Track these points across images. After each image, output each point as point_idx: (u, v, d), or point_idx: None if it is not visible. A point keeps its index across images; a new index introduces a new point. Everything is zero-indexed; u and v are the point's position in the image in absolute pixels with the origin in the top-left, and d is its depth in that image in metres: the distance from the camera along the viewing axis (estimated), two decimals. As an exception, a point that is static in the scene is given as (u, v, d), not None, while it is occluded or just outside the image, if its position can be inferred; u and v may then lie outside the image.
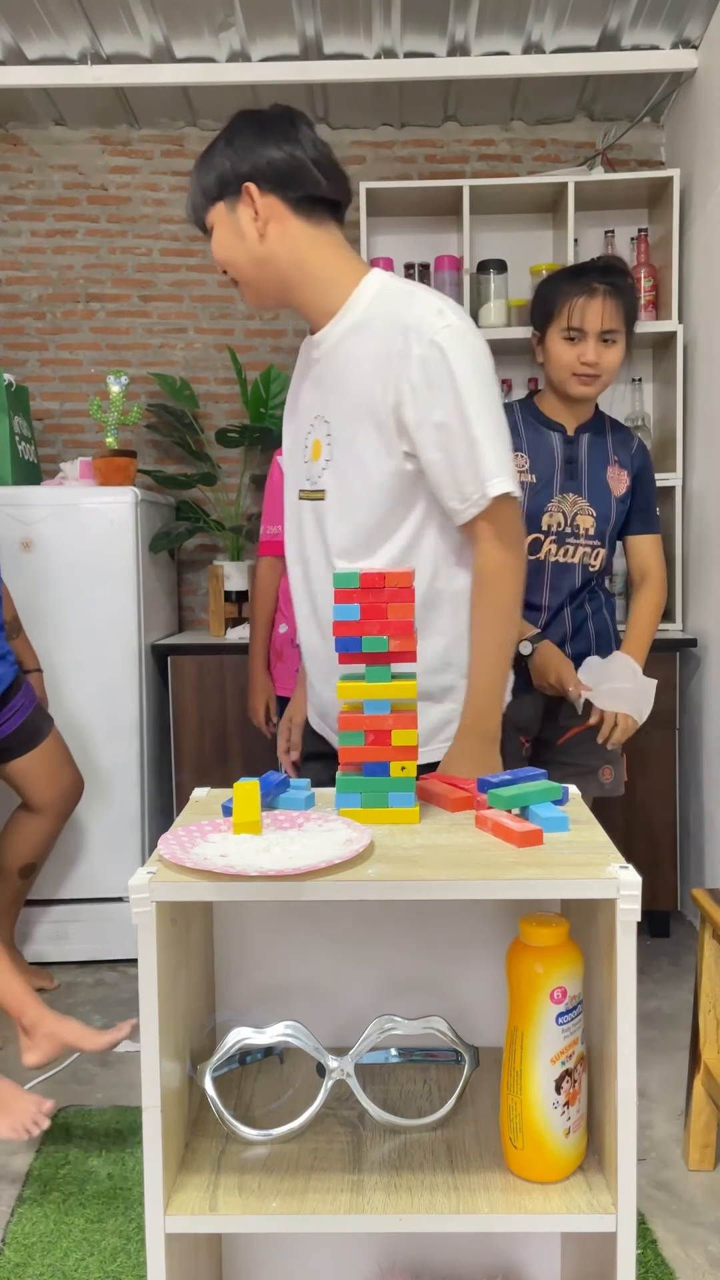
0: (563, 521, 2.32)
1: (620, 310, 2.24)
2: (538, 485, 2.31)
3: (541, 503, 2.31)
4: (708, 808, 3.20)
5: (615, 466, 2.36)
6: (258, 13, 3.11)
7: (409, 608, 1.20)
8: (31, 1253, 1.91)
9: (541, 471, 2.32)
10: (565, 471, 2.33)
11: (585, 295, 2.22)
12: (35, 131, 3.79)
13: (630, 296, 2.27)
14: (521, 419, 2.36)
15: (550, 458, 2.33)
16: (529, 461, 2.32)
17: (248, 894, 1.02)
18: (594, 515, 2.33)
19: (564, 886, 1.02)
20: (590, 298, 2.22)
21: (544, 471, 2.32)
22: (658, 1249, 1.90)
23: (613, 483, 2.34)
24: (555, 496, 2.31)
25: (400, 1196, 1.07)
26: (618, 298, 2.23)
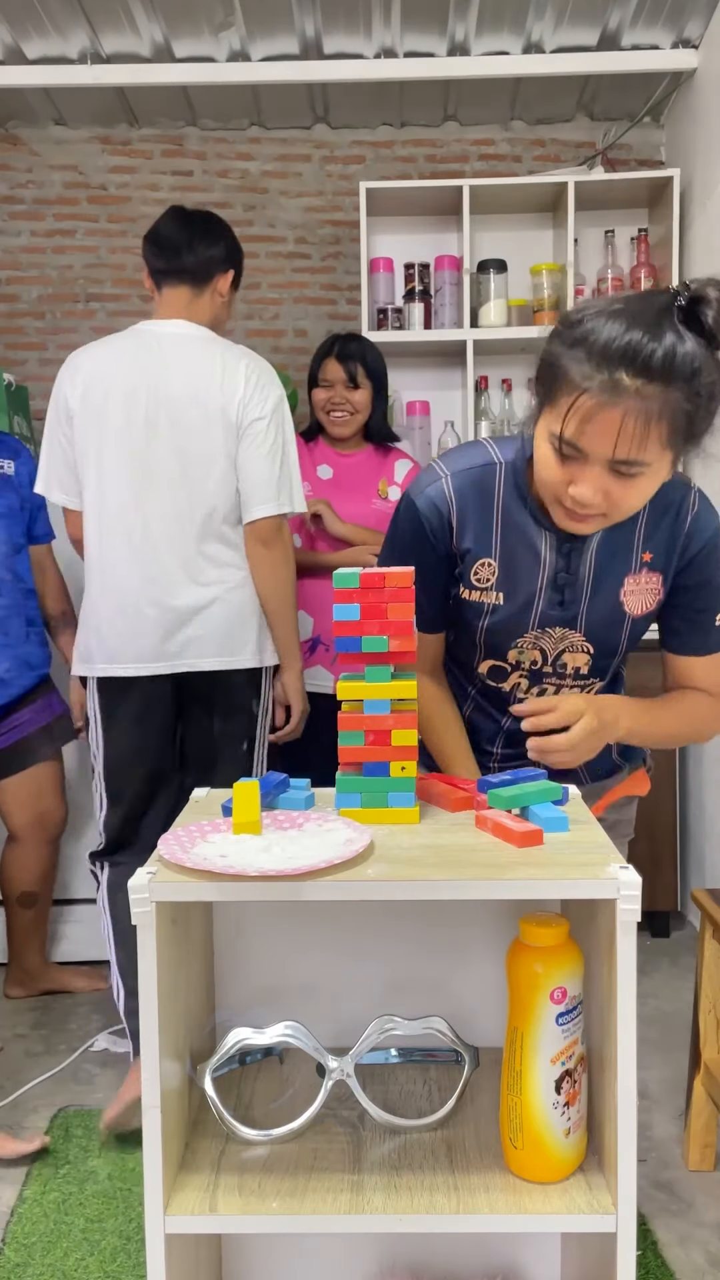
0: (540, 660, 1.51)
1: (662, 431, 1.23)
2: (504, 610, 1.47)
3: (510, 635, 1.49)
4: (708, 808, 3.20)
5: (643, 573, 1.46)
6: (258, 12, 3.11)
7: (409, 608, 1.20)
8: (31, 1252, 1.91)
9: (513, 591, 1.46)
10: (549, 597, 1.46)
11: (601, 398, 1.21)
12: (35, 131, 3.79)
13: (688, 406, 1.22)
14: (502, 499, 1.44)
15: (530, 572, 1.45)
16: (496, 573, 1.46)
17: (248, 894, 1.02)
18: (591, 653, 1.51)
19: (564, 886, 1.02)
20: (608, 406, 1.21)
21: (518, 592, 1.46)
22: (658, 1249, 1.90)
23: (632, 599, 1.47)
24: (530, 632, 1.48)
25: (400, 1196, 1.07)
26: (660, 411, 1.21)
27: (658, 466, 1.27)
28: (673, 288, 1.23)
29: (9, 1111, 2.39)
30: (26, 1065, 2.57)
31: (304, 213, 3.82)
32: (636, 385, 1.19)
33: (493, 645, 1.50)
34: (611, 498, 1.28)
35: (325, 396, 2.87)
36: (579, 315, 1.25)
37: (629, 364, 1.18)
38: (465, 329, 3.45)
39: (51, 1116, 2.35)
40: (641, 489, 1.28)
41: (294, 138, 3.82)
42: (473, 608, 1.48)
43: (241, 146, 3.83)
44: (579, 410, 1.22)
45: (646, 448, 1.22)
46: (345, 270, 3.83)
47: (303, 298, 3.84)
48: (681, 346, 1.18)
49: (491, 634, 1.49)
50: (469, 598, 1.47)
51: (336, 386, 2.85)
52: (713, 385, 1.21)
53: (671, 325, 1.19)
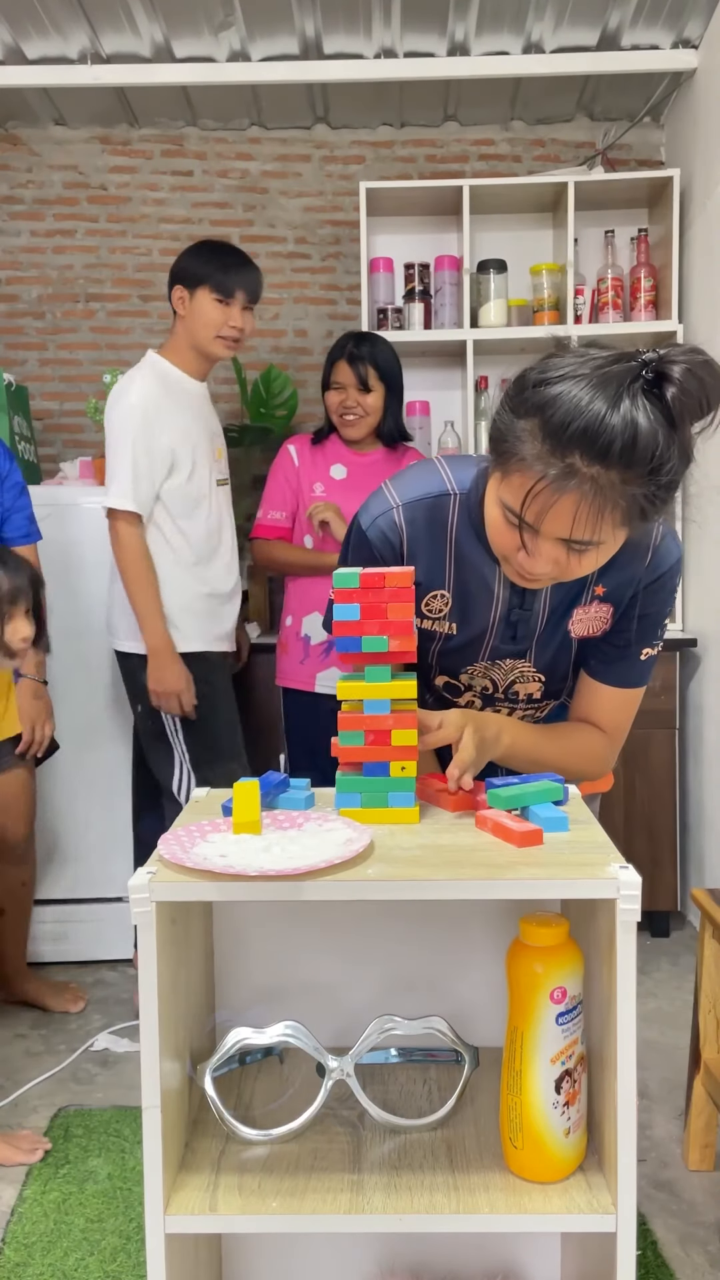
0: (491, 687, 1.49)
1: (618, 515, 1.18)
2: (457, 640, 1.45)
3: (461, 663, 1.48)
4: (708, 808, 3.20)
5: (594, 605, 1.41)
6: (258, 12, 3.11)
7: (409, 608, 1.20)
8: (31, 1252, 1.91)
9: (466, 623, 1.44)
10: (502, 632, 1.43)
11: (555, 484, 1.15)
12: (35, 131, 3.79)
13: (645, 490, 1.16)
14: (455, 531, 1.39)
15: (484, 606, 1.42)
16: (450, 604, 1.43)
17: (248, 894, 1.02)
18: (542, 681, 1.48)
19: (564, 886, 1.02)
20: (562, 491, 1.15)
21: (471, 624, 1.44)
22: (658, 1249, 1.90)
23: (579, 625, 1.42)
24: (480, 662, 1.46)
25: (400, 1196, 1.07)
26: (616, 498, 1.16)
27: (612, 543, 1.22)
28: (641, 354, 1.13)
29: (9, 1111, 2.39)
30: (26, 1065, 2.57)
31: (304, 213, 3.82)
32: (593, 472, 1.12)
33: (445, 667, 1.48)
34: (562, 566, 1.23)
35: (338, 400, 2.89)
36: (538, 377, 1.16)
37: (586, 448, 1.11)
38: (465, 329, 3.45)
39: (51, 1116, 2.35)
40: (593, 560, 1.23)
41: (294, 138, 3.82)
42: (424, 635, 1.45)
43: (241, 146, 3.83)
44: (531, 489, 1.16)
45: (600, 530, 1.17)
46: (345, 270, 3.83)
47: (303, 298, 3.84)
48: (642, 427, 1.10)
49: (444, 657, 1.47)
50: (421, 626, 1.44)
51: (348, 390, 2.86)
52: (672, 469, 1.14)
53: (633, 401, 1.11)
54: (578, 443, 1.11)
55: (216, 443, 2.82)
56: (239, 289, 2.68)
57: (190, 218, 3.82)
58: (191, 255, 2.73)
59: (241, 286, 2.68)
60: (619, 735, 1.48)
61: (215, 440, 2.81)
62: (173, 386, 2.73)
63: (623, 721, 1.47)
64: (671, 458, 1.13)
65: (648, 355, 1.13)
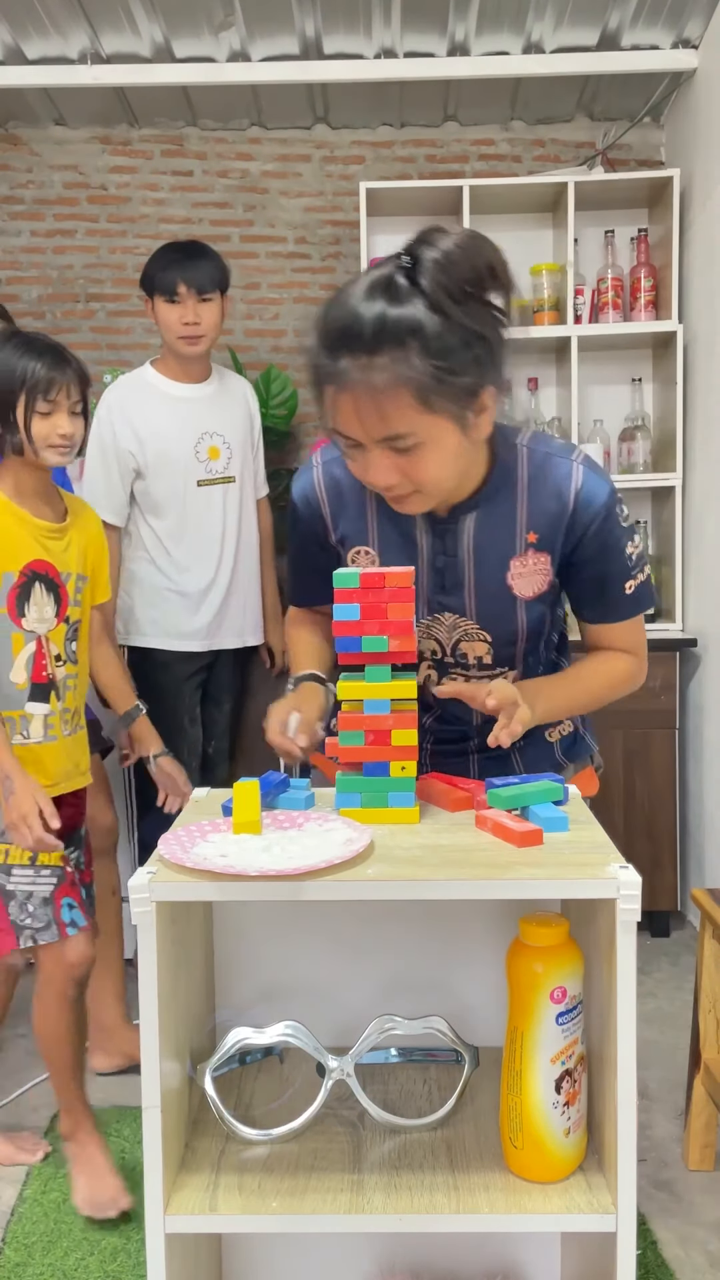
0: (439, 650, 1.47)
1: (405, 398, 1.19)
2: None
3: None
4: (708, 808, 3.20)
5: (530, 554, 1.41)
6: (258, 12, 3.11)
7: (409, 608, 1.20)
8: (31, 1252, 1.91)
9: None
10: (434, 577, 1.43)
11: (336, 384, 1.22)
12: (35, 131, 3.79)
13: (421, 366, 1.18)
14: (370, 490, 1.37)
15: (409, 557, 1.43)
16: (376, 560, 1.46)
17: (248, 894, 1.02)
18: (489, 640, 1.46)
19: (564, 886, 1.02)
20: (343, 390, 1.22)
21: None
22: (658, 1249, 1.90)
23: (520, 581, 1.42)
24: (423, 620, 1.45)
25: (400, 1196, 1.07)
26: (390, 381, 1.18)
27: (431, 433, 1.21)
28: (400, 254, 1.20)
29: (9, 1111, 2.39)
30: (26, 1065, 2.57)
31: (304, 213, 3.82)
32: (358, 363, 1.17)
33: None
34: (408, 474, 1.24)
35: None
36: (322, 307, 1.24)
37: (347, 344, 1.17)
38: (465, 329, 3.45)
39: (51, 1116, 2.35)
40: (431, 458, 1.23)
41: (294, 138, 3.82)
42: None
43: (241, 146, 3.83)
44: (330, 403, 1.22)
45: (394, 419, 1.18)
46: (345, 270, 3.83)
47: (303, 298, 3.84)
48: (394, 311, 1.15)
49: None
50: None
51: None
52: (442, 339, 1.16)
53: (387, 294, 1.16)
54: (337, 341, 1.18)
55: (207, 443, 2.80)
56: (181, 283, 2.68)
57: (190, 218, 3.82)
58: (147, 264, 2.76)
59: (184, 281, 2.68)
60: (640, 651, 1.53)
61: (206, 440, 2.80)
62: (147, 392, 2.79)
63: (638, 641, 1.52)
64: (439, 334, 1.16)
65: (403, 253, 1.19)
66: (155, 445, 2.76)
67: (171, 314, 2.71)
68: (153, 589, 2.83)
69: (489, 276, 1.20)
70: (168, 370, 2.82)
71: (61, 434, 1.94)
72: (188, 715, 2.86)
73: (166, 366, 2.82)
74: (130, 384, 2.82)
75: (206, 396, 2.82)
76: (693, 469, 3.37)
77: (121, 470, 2.75)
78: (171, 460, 2.76)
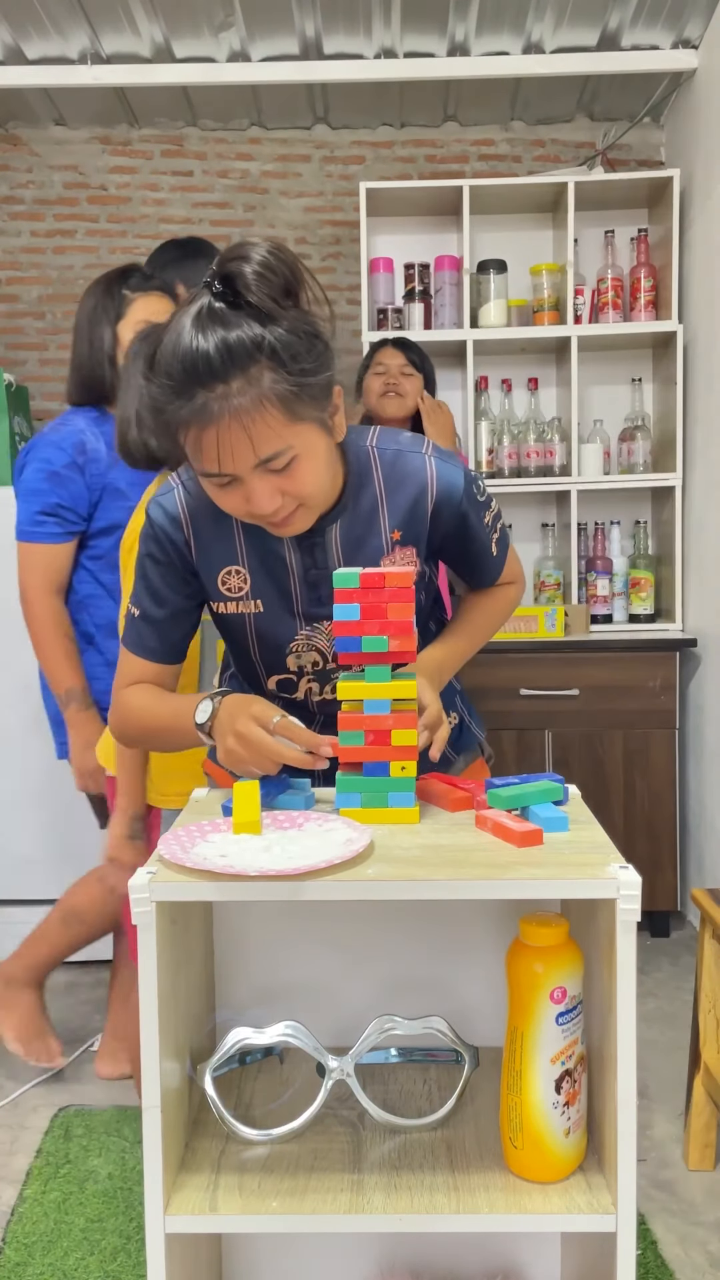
0: (320, 660, 1.44)
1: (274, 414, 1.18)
2: (266, 617, 1.41)
3: (280, 640, 1.42)
4: (708, 808, 3.20)
5: (396, 551, 1.41)
6: (258, 13, 3.11)
7: (409, 608, 1.20)
8: (32, 1252, 1.91)
9: (269, 596, 1.40)
10: (308, 591, 1.40)
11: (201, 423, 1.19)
12: (35, 131, 3.79)
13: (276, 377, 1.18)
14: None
15: (280, 575, 1.39)
16: (249, 580, 1.40)
17: (248, 894, 1.02)
18: None
19: (564, 886, 1.02)
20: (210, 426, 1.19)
21: (274, 594, 1.40)
22: (658, 1249, 1.90)
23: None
24: (301, 630, 1.42)
25: (400, 1196, 1.07)
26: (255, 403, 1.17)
27: (303, 444, 1.21)
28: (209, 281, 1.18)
29: (9, 1111, 2.39)
30: (26, 1065, 2.57)
31: (304, 213, 3.82)
32: (217, 393, 1.15)
33: (268, 660, 1.44)
34: (287, 491, 1.23)
35: (380, 382, 2.99)
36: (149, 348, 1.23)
37: (196, 379, 1.14)
38: (465, 329, 3.46)
39: (51, 1116, 2.35)
40: (308, 469, 1.23)
41: (294, 138, 3.82)
42: (234, 621, 1.42)
43: (241, 146, 3.83)
44: (194, 444, 1.19)
45: (268, 438, 1.18)
46: (345, 270, 3.83)
47: (303, 298, 3.84)
48: (234, 334, 1.14)
49: (263, 645, 1.43)
50: (226, 611, 1.41)
51: (392, 370, 2.98)
52: (289, 344, 1.16)
53: (217, 320, 1.15)
54: (186, 381, 1.15)
55: None
56: (179, 283, 2.67)
57: (190, 218, 3.82)
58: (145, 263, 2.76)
59: (179, 278, 2.67)
60: (519, 577, 1.59)
61: None
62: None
63: (514, 571, 1.57)
64: (283, 343, 1.16)
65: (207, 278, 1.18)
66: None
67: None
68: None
69: (300, 278, 1.20)
70: None
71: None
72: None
73: None
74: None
75: None
76: (693, 469, 3.37)
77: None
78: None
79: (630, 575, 3.54)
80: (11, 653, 3.12)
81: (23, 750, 3.13)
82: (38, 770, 3.13)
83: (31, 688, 3.12)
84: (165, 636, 1.42)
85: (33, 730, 3.12)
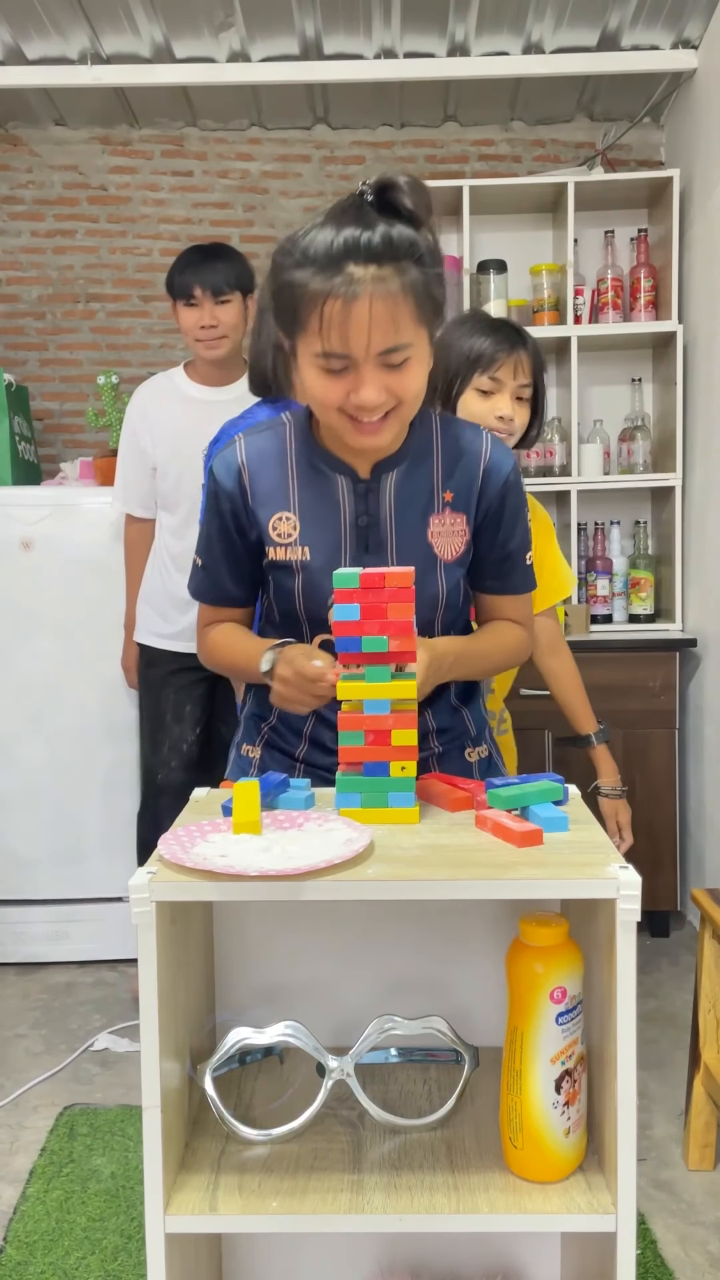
0: None
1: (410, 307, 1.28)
2: (314, 564, 1.44)
3: (327, 592, 1.37)
4: (708, 808, 3.20)
5: (447, 513, 1.45)
6: (258, 13, 3.11)
7: (409, 608, 1.20)
8: (33, 1251, 1.91)
9: (317, 542, 1.44)
10: (357, 538, 1.44)
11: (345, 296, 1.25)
12: (35, 131, 3.79)
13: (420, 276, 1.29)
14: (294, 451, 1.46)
15: (331, 520, 1.44)
16: (298, 526, 1.44)
17: (248, 894, 1.02)
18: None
19: (564, 886, 1.02)
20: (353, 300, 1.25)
21: (323, 542, 1.44)
22: (657, 1249, 1.90)
23: (440, 540, 1.45)
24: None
25: (400, 1196, 1.07)
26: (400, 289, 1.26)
27: (418, 346, 1.29)
28: (359, 188, 1.28)
29: (9, 1111, 2.39)
30: (26, 1065, 2.58)
31: (304, 213, 3.82)
32: (370, 272, 1.23)
33: (312, 612, 1.45)
34: (393, 390, 1.29)
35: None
36: (289, 244, 1.29)
37: (354, 256, 1.23)
38: (465, 329, 3.45)
39: (56, 1116, 2.35)
40: (414, 373, 1.30)
41: (294, 138, 3.82)
42: (283, 569, 1.45)
43: (241, 147, 3.83)
44: (330, 318, 1.24)
45: (401, 328, 1.25)
46: (345, 270, 3.83)
47: (303, 298, 3.84)
48: (395, 228, 1.24)
49: (308, 597, 1.45)
50: (276, 557, 1.45)
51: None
52: (432, 250, 1.28)
53: (376, 216, 1.25)
54: (346, 255, 1.23)
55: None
56: (196, 286, 2.69)
57: (190, 218, 3.82)
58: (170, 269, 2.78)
59: (198, 283, 2.68)
60: (530, 625, 1.59)
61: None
62: (170, 394, 2.85)
63: (528, 615, 1.58)
64: (425, 241, 1.27)
65: (361, 187, 1.28)
66: (167, 445, 2.80)
67: (189, 318, 2.72)
68: (150, 586, 2.92)
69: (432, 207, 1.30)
70: (195, 373, 2.87)
71: (499, 415, 1.87)
72: (171, 711, 2.92)
73: (194, 369, 2.87)
74: (157, 383, 2.89)
75: (230, 400, 2.76)
76: (692, 469, 3.37)
77: (143, 465, 2.85)
78: (180, 462, 2.78)
79: (630, 575, 3.54)
80: (12, 653, 3.12)
81: (23, 750, 3.13)
82: (38, 770, 3.13)
83: (32, 688, 3.13)
84: (226, 587, 1.51)
85: (33, 730, 3.13)
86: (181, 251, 2.81)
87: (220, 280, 2.69)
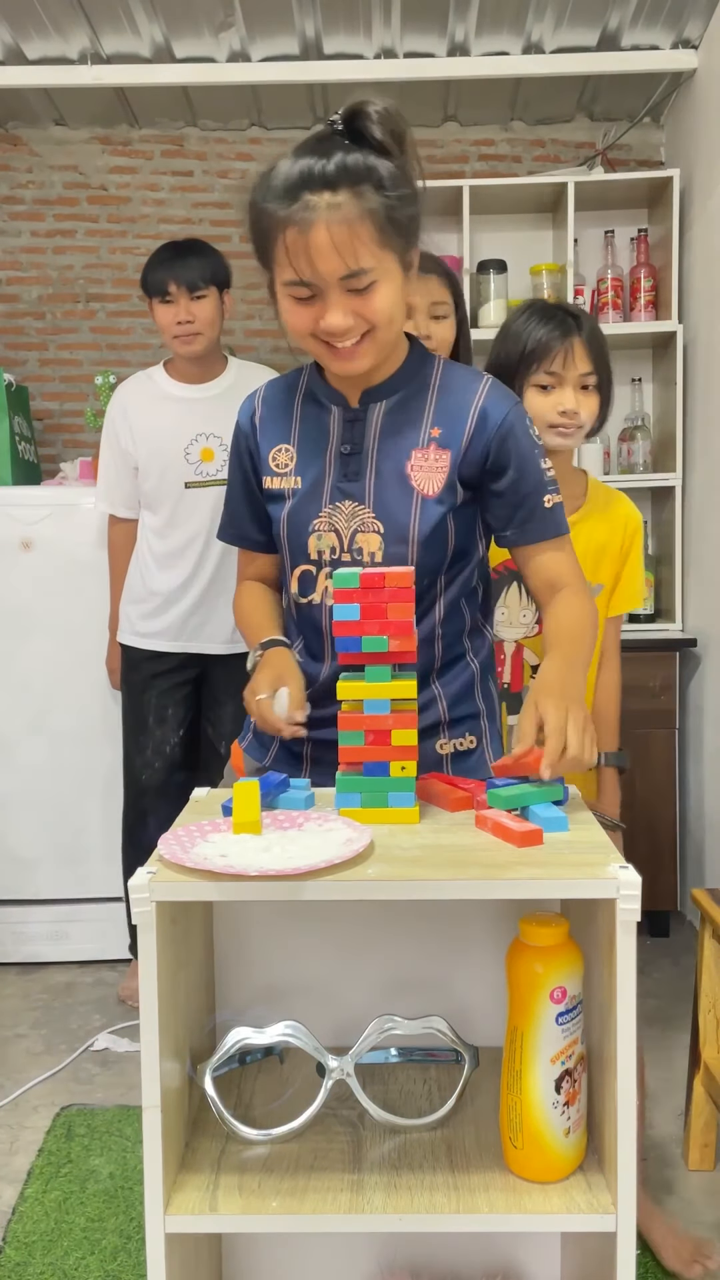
0: (337, 545, 1.45)
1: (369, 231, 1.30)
2: (301, 492, 1.47)
3: (306, 519, 1.46)
4: (708, 808, 3.20)
5: (431, 449, 1.43)
6: (258, 13, 3.11)
7: (409, 608, 1.20)
8: (32, 1251, 1.91)
9: (306, 469, 1.47)
10: (340, 466, 1.45)
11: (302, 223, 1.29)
12: (35, 131, 3.79)
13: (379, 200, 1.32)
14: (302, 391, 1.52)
15: (319, 448, 1.47)
16: (294, 457, 1.49)
17: (248, 894, 1.02)
18: (381, 533, 1.43)
19: (564, 886, 1.02)
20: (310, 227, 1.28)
21: (311, 469, 1.47)
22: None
23: (419, 474, 1.43)
24: (325, 507, 1.45)
25: (400, 1196, 1.07)
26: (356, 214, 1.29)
27: (385, 268, 1.32)
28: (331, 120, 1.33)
29: (9, 1111, 2.39)
30: (26, 1065, 2.58)
31: (304, 213, 3.82)
32: (324, 199, 1.27)
33: (293, 540, 1.48)
34: (360, 314, 1.32)
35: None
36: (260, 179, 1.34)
37: (310, 184, 1.27)
38: (465, 329, 3.45)
39: (54, 1116, 2.35)
40: (384, 295, 1.32)
41: (294, 138, 3.80)
42: (275, 497, 1.50)
43: (241, 147, 3.83)
44: (290, 246, 1.28)
45: (361, 253, 1.28)
46: (345, 270, 3.83)
47: (303, 298, 3.84)
48: (347, 155, 1.29)
49: (290, 527, 1.47)
50: (272, 486, 1.50)
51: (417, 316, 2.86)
52: (395, 176, 1.31)
53: (338, 144, 1.29)
54: (302, 184, 1.28)
55: (201, 445, 2.79)
56: (171, 282, 2.67)
57: (190, 218, 3.82)
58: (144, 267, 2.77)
59: (173, 279, 2.67)
60: (579, 582, 1.50)
61: (200, 442, 2.79)
62: (150, 393, 2.84)
63: (572, 569, 1.49)
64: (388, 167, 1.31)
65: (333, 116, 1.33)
66: (148, 444, 2.79)
67: (165, 315, 2.71)
68: (131, 585, 2.91)
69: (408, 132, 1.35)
70: (175, 370, 2.85)
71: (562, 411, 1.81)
72: (153, 715, 2.90)
73: (174, 367, 2.85)
74: (137, 382, 2.87)
75: (210, 397, 2.80)
76: (693, 469, 3.37)
77: (125, 465, 2.84)
78: (161, 460, 2.78)
79: (630, 575, 3.54)
80: (12, 653, 3.12)
81: (23, 750, 3.13)
82: (38, 770, 3.13)
83: (32, 688, 3.13)
84: (245, 527, 1.58)
85: (33, 730, 3.13)
86: (155, 250, 2.79)
87: (195, 276, 2.68)
